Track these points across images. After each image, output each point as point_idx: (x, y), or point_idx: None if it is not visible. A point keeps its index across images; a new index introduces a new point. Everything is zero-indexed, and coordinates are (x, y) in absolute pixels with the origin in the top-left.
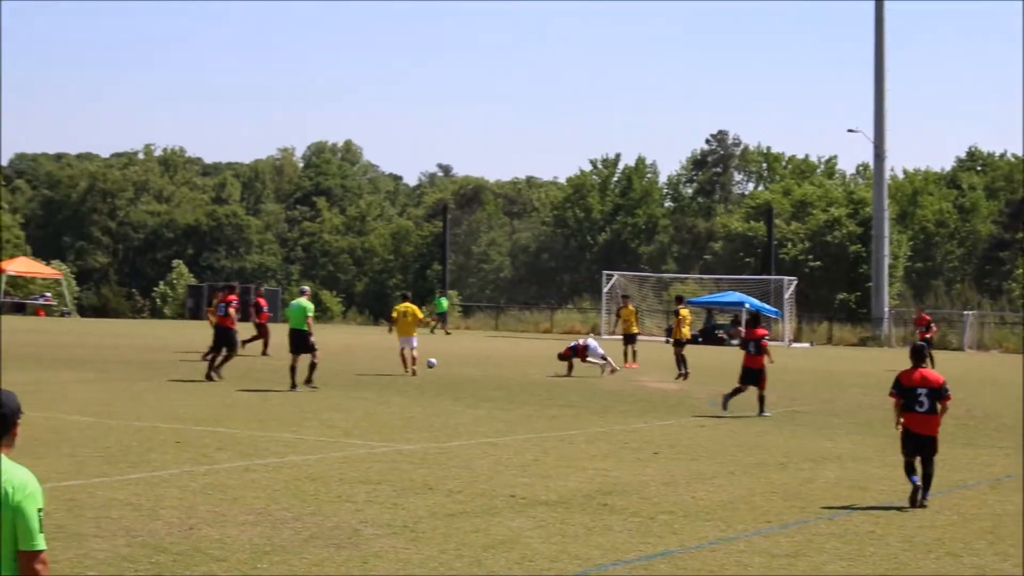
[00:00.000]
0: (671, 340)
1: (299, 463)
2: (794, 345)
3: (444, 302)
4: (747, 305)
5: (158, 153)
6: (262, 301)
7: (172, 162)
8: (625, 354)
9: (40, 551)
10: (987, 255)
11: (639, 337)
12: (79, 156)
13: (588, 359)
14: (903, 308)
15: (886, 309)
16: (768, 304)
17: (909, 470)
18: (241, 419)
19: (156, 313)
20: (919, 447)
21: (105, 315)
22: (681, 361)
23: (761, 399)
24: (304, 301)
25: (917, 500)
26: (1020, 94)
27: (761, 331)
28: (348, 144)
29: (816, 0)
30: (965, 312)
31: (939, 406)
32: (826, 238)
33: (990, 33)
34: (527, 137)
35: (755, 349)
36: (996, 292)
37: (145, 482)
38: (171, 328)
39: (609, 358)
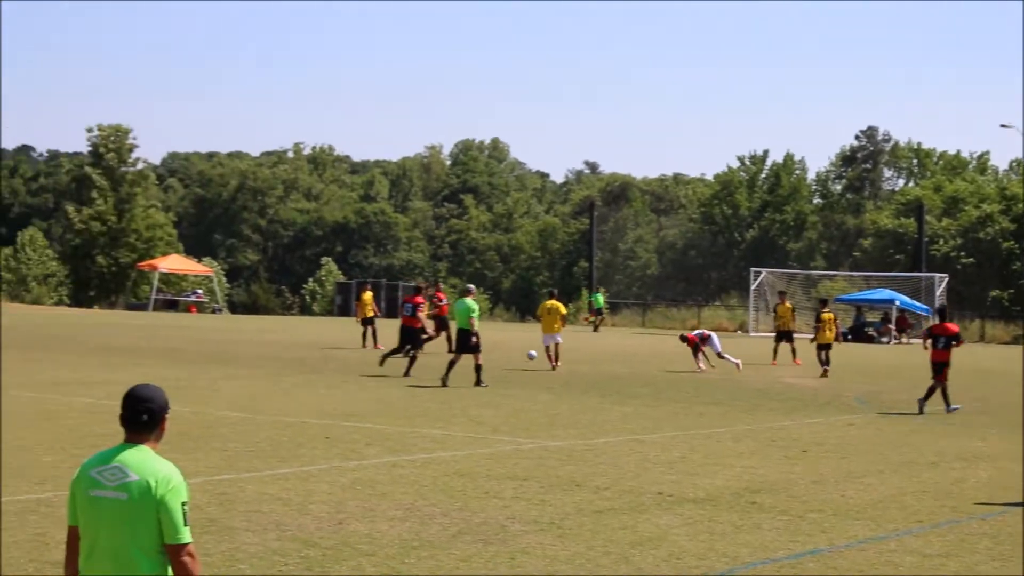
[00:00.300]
0: (814, 341)
1: (447, 459)
2: None
3: (600, 298)
4: (897, 303)
5: (307, 151)
6: (440, 295)
7: (321, 160)
8: (775, 351)
9: (185, 544)
10: None
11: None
12: (230, 155)
13: (703, 349)
14: None
15: None
16: (918, 302)
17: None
18: (389, 415)
19: (305, 310)
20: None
21: (255, 312)
22: (824, 360)
23: (943, 392)
24: (470, 301)
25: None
26: None
27: (952, 327)
28: (495, 142)
29: None
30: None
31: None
32: (978, 235)
33: None
34: (674, 134)
35: (944, 344)
36: None
37: (295, 477)
38: (320, 324)
39: (728, 355)
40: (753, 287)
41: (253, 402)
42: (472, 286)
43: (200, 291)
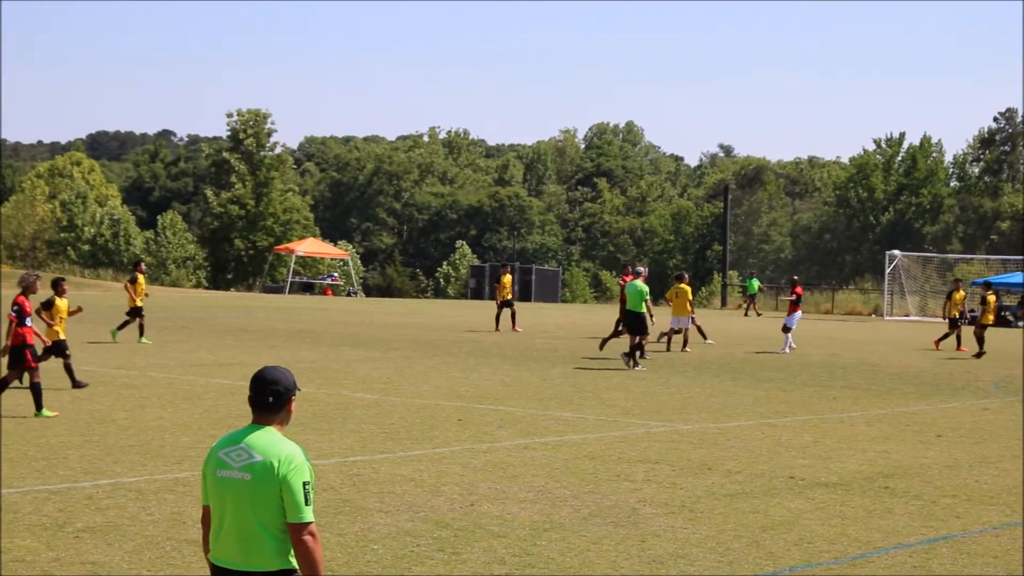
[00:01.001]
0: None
1: (578, 442)
2: None
3: (755, 283)
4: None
5: (442, 136)
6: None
7: (456, 144)
8: (958, 338)
9: (307, 523)
10: None
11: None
12: (366, 139)
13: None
14: None
15: None
16: None
17: None
18: (521, 398)
19: (439, 293)
20: None
21: (390, 295)
22: (981, 341)
23: None
24: (640, 284)
25: None
26: None
27: None
28: (630, 125)
29: None
30: None
31: None
32: None
33: None
34: (809, 117)
35: None
36: None
37: (428, 458)
38: (455, 307)
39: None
40: (888, 270)
41: (387, 384)
42: (643, 268)
43: (336, 274)
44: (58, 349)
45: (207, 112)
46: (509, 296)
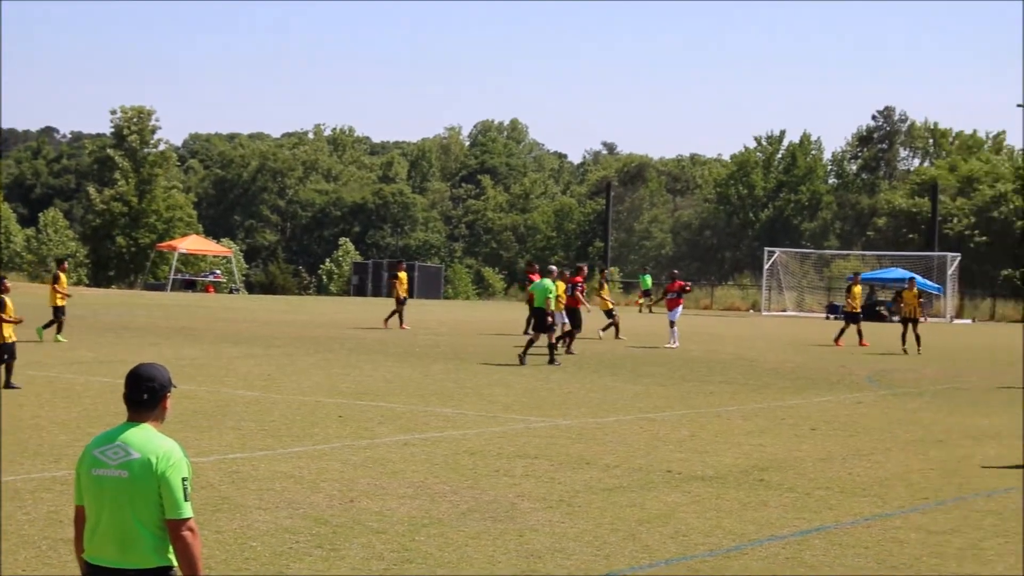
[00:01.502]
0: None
1: (458, 438)
2: (956, 321)
3: (648, 279)
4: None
5: (327, 133)
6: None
7: (341, 141)
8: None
9: (186, 519)
10: None
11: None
12: (250, 136)
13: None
14: None
15: None
16: (931, 280)
17: None
18: (402, 394)
19: (322, 290)
20: None
21: (272, 292)
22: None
23: None
24: (548, 282)
25: None
26: None
27: None
28: (514, 123)
29: None
30: None
31: None
32: (992, 214)
33: None
34: (691, 115)
35: None
36: None
37: (307, 455)
38: (337, 304)
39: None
40: (767, 267)
41: (268, 381)
42: (553, 267)
43: (218, 271)
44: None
45: (91, 109)
46: (405, 294)
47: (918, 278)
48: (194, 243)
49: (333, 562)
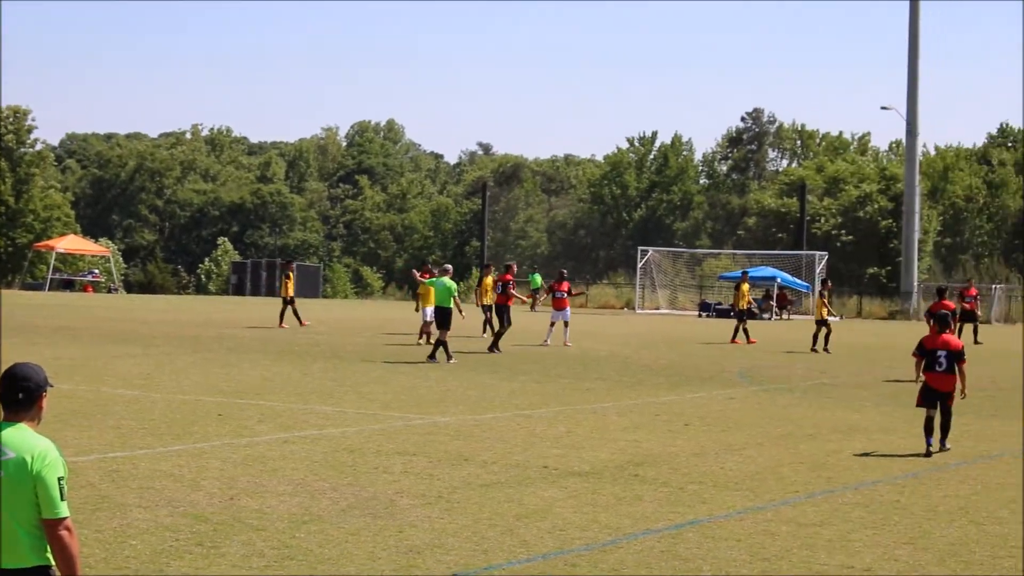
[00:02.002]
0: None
1: (337, 435)
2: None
3: (538, 278)
4: (778, 280)
5: (205, 133)
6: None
7: (219, 142)
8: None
9: (62, 518)
10: (1016, 230)
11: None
12: (128, 136)
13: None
14: (932, 282)
15: (915, 283)
16: (799, 279)
17: (927, 427)
18: (282, 392)
19: (201, 289)
20: (936, 399)
21: (151, 291)
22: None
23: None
24: (448, 281)
25: (931, 451)
26: None
27: (948, 304)
28: (391, 123)
29: None
30: (993, 286)
31: (957, 367)
32: (858, 213)
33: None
34: (566, 116)
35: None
36: None
37: (187, 454)
38: (216, 304)
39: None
40: (640, 265)
41: (147, 380)
42: (449, 266)
43: (97, 271)
44: None
45: None
46: (292, 293)
47: (787, 277)
48: (72, 243)
49: (213, 559)
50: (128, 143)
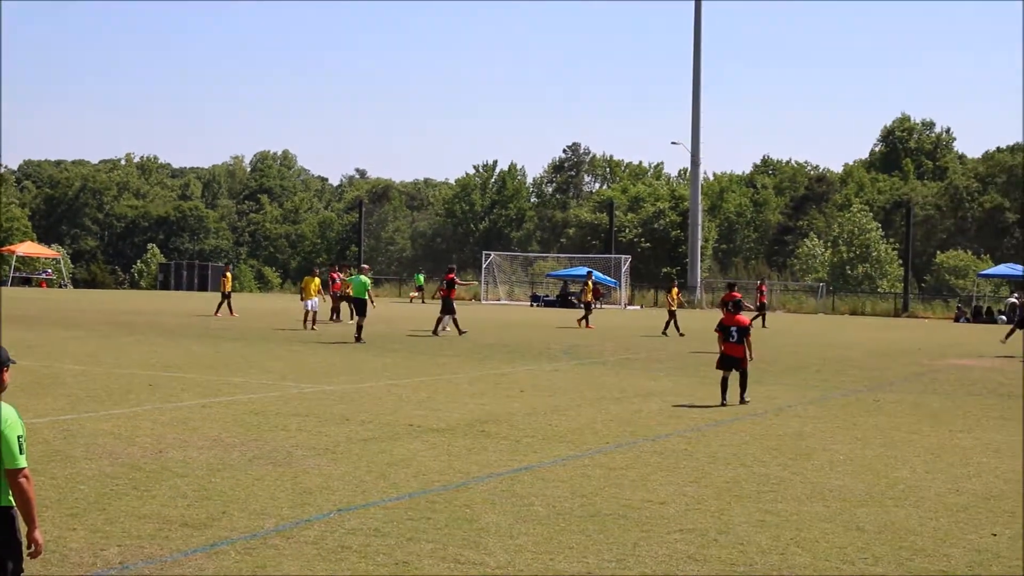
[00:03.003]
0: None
1: (245, 401)
2: (628, 308)
3: (421, 277)
4: (592, 275)
5: (137, 160)
6: (334, 275)
7: (148, 167)
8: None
9: (21, 468)
10: (775, 238)
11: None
12: (74, 162)
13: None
14: (711, 279)
15: (699, 280)
16: (609, 276)
17: (724, 386)
18: (200, 367)
19: (134, 285)
20: (730, 364)
21: (94, 287)
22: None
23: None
24: (364, 277)
25: (726, 403)
26: (803, 113)
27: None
28: (286, 152)
29: (639, 39)
30: (758, 281)
31: (745, 339)
32: (654, 225)
33: (783, 65)
34: (425, 146)
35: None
36: (782, 267)
37: (125, 416)
38: (146, 297)
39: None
40: (484, 266)
41: (92, 357)
42: (366, 265)
43: (50, 270)
44: None
45: None
46: (229, 288)
47: (599, 274)
48: (29, 248)
49: (146, 500)
50: (74, 167)
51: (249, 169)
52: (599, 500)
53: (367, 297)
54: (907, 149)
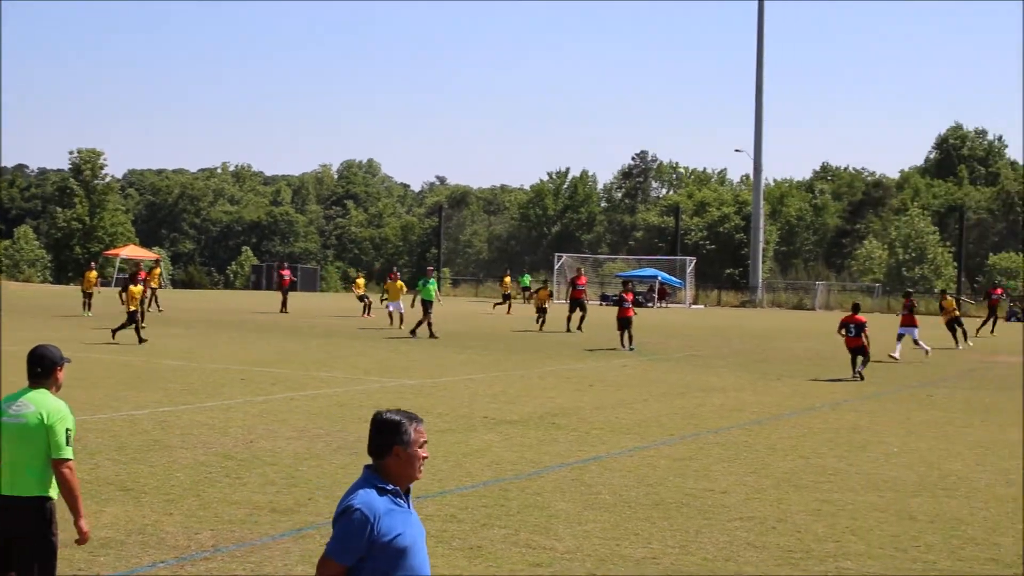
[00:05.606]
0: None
1: (330, 394)
2: (693, 307)
3: (528, 278)
4: (659, 278)
5: (232, 168)
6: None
7: (242, 175)
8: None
9: (67, 459)
10: (833, 241)
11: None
12: (174, 171)
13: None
14: (772, 280)
15: (760, 280)
16: (675, 277)
17: (853, 365)
18: (289, 363)
19: (228, 285)
20: (855, 352)
21: (191, 287)
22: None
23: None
24: (432, 280)
25: (856, 377)
26: (861, 121)
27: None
28: (370, 161)
29: (703, 49)
30: (817, 283)
31: (863, 334)
32: (718, 229)
33: (841, 74)
34: (502, 154)
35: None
36: (840, 268)
37: (218, 408)
38: (240, 296)
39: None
40: (556, 267)
41: (189, 353)
42: (431, 267)
43: (144, 270)
44: None
45: (54, 150)
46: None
47: (665, 275)
48: (132, 251)
49: (237, 487)
50: (174, 176)
51: (336, 176)
52: (663, 489)
53: (434, 296)
54: (960, 156)
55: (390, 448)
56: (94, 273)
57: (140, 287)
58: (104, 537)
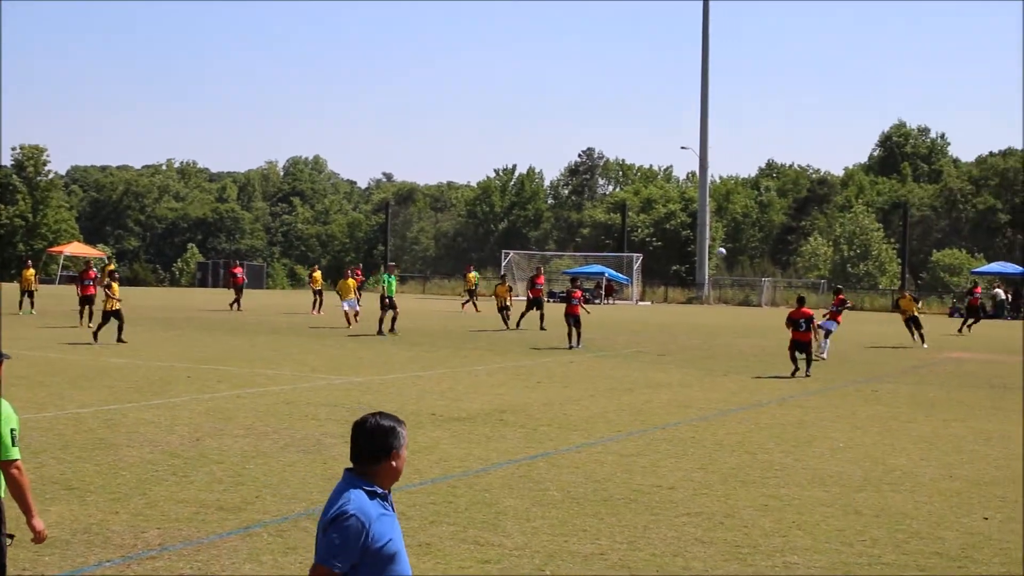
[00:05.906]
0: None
1: (278, 392)
2: (640, 303)
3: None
4: (606, 274)
5: (177, 165)
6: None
7: (187, 171)
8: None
9: (14, 459)
10: (779, 238)
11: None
12: (118, 167)
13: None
14: (718, 276)
15: (706, 277)
16: (621, 274)
17: (793, 361)
18: (235, 360)
19: (174, 282)
20: (800, 348)
21: (136, 284)
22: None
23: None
24: (392, 276)
25: (797, 375)
26: (805, 119)
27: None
28: (317, 158)
29: (649, 47)
30: (763, 279)
31: (811, 327)
32: (664, 226)
33: (786, 73)
34: (449, 151)
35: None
36: (785, 265)
37: (164, 406)
38: (185, 293)
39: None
40: (504, 263)
41: (134, 351)
42: (393, 263)
43: (95, 269)
44: None
45: None
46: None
47: (612, 272)
48: (76, 248)
49: (184, 485)
50: (118, 172)
51: (282, 173)
52: (611, 485)
53: (393, 294)
54: (904, 153)
55: (388, 453)
56: (32, 271)
57: (117, 285)
58: (49, 536)
